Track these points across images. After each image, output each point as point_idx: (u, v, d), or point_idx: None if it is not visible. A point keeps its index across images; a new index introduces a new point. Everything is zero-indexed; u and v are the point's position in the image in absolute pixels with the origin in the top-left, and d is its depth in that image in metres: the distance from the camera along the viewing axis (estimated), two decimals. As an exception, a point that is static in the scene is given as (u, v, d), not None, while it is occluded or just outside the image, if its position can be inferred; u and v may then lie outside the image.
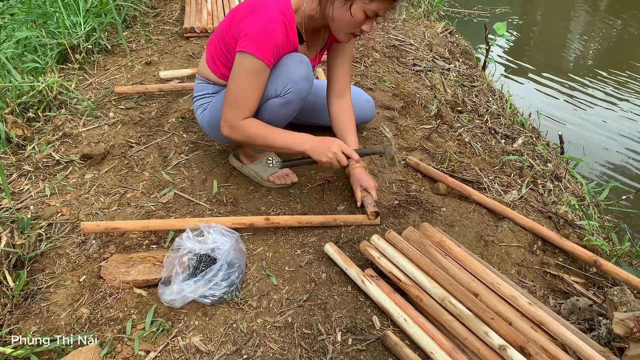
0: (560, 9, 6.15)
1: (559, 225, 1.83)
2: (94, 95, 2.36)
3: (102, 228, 1.50)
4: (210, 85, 1.76)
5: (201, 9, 3.19)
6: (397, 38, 3.19)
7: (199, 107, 1.79)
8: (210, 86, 1.76)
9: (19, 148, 1.99)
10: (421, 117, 2.34)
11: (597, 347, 1.25)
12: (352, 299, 1.42)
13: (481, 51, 4.44)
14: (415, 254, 1.46)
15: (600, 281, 1.60)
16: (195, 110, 1.82)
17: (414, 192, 1.85)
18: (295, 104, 1.60)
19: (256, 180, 1.83)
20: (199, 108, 1.79)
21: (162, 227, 1.54)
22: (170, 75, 2.48)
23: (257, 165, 1.81)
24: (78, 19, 2.71)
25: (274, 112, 1.60)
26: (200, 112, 1.79)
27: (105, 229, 1.50)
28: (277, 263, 1.52)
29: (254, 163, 1.82)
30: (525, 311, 1.31)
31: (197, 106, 1.80)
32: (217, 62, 1.68)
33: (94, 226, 1.50)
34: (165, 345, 1.26)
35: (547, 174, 2.15)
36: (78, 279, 1.44)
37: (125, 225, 1.52)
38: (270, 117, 1.60)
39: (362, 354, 1.27)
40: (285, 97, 1.56)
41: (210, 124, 1.73)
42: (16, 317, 1.33)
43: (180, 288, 1.32)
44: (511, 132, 2.46)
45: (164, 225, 1.54)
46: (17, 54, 2.51)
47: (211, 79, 1.73)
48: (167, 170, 1.89)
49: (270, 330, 1.32)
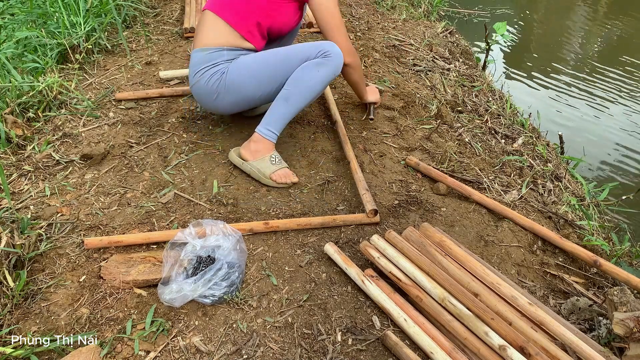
0: (560, 9, 6.15)
1: (559, 225, 1.83)
2: (94, 95, 2.36)
3: (105, 243, 1.51)
4: (225, 52, 1.78)
5: (201, 9, 3.19)
6: (397, 38, 3.19)
7: (213, 74, 1.78)
8: (226, 52, 1.78)
9: (19, 148, 1.99)
10: (421, 117, 2.34)
11: (597, 347, 1.25)
12: (352, 299, 1.42)
13: (481, 50, 4.44)
14: (415, 254, 1.46)
15: (600, 281, 1.60)
16: (203, 80, 1.80)
17: (414, 192, 1.85)
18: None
19: (256, 178, 1.82)
20: (214, 75, 1.78)
21: (165, 238, 1.54)
22: (170, 75, 2.48)
23: (260, 163, 1.81)
24: (78, 19, 2.71)
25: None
26: (216, 77, 1.78)
27: (108, 243, 1.51)
28: (277, 263, 1.52)
29: (257, 160, 1.81)
30: (525, 311, 1.31)
31: (211, 74, 1.78)
32: (246, 19, 1.77)
33: (97, 241, 1.51)
34: (165, 345, 1.26)
35: (547, 174, 2.15)
36: (78, 279, 1.44)
37: (127, 239, 1.53)
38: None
39: (362, 354, 1.27)
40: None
41: (234, 81, 1.78)
42: (16, 317, 1.33)
43: (180, 287, 1.32)
44: (511, 132, 2.46)
45: (167, 237, 1.53)
46: (17, 54, 2.51)
47: (229, 43, 1.78)
48: (167, 170, 1.89)
49: (270, 330, 1.32)
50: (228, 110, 1.91)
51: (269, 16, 1.80)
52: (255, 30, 1.81)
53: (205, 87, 1.81)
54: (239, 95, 1.82)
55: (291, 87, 1.76)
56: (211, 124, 2.17)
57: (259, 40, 1.86)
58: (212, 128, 2.14)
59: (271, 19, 1.81)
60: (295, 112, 1.82)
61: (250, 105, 1.89)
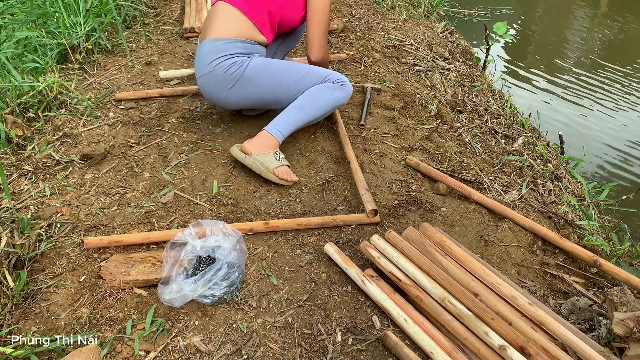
0: (560, 9, 6.15)
1: (559, 225, 1.83)
2: (94, 95, 2.36)
3: (105, 242, 1.51)
4: (239, 44, 1.85)
5: (201, 9, 3.19)
6: (397, 38, 3.19)
7: (232, 64, 1.84)
8: (239, 44, 1.85)
9: (19, 148, 1.99)
10: (421, 117, 2.34)
11: (597, 347, 1.25)
12: (352, 299, 1.42)
13: (481, 49, 4.44)
14: (415, 254, 1.46)
15: (600, 281, 1.60)
16: (221, 69, 1.85)
17: (414, 192, 1.85)
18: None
19: (258, 172, 1.81)
20: (233, 65, 1.85)
21: (165, 238, 1.54)
22: (170, 75, 2.48)
23: (263, 156, 1.81)
24: (78, 19, 2.71)
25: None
26: (236, 67, 1.85)
27: (108, 243, 1.52)
28: (277, 263, 1.52)
29: (261, 154, 1.82)
30: (525, 311, 1.31)
31: (230, 64, 1.84)
32: (258, 7, 1.86)
33: (96, 241, 1.51)
34: (165, 345, 1.26)
35: (547, 174, 2.15)
36: (78, 279, 1.44)
37: (127, 239, 1.53)
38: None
39: (362, 354, 1.27)
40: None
41: (253, 77, 1.86)
42: (16, 317, 1.33)
43: (180, 287, 1.32)
44: (511, 132, 2.46)
45: (167, 237, 1.53)
46: (17, 54, 2.51)
47: (243, 34, 1.85)
48: (167, 170, 1.89)
49: (270, 330, 1.32)
50: (235, 104, 1.98)
51: (280, 6, 1.90)
52: (267, 20, 1.91)
53: (223, 75, 1.86)
54: (254, 92, 1.90)
55: (306, 99, 1.90)
56: (211, 124, 2.17)
57: (270, 32, 1.95)
58: (212, 128, 2.14)
59: (282, 9, 1.91)
60: (303, 123, 1.93)
61: (258, 104, 1.99)
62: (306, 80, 1.91)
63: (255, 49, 1.92)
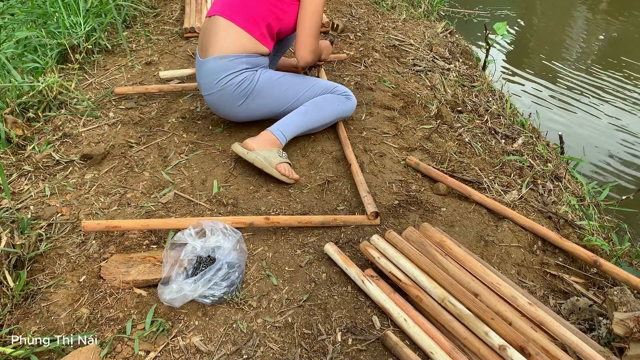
0: (560, 9, 6.15)
1: (559, 225, 1.83)
2: (94, 95, 2.36)
3: (103, 226, 1.50)
4: (244, 59, 1.86)
5: (201, 9, 3.19)
6: (397, 38, 3.19)
7: (242, 81, 1.87)
8: (245, 59, 1.86)
9: (19, 148, 1.99)
10: (421, 117, 2.34)
11: (597, 347, 1.25)
12: (352, 299, 1.42)
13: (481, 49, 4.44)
14: (415, 254, 1.46)
15: (600, 281, 1.60)
16: (231, 87, 1.87)
17: (414, 192, 1.85)
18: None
19: (260, 167, 1.80)
20: (243, 82, 1.88)
21: (163, 226, 1.54)
22: (170, 75, 2.47)
23: (267, 152, 1.82)
24: (78, 19, 2.71)
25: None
26: (246, 84, 1.87)
27: (105, 227, 1.51)
28: (277, 263, 1.52)
29: (264, 150, 1.82)
30: (525, 311, 1.31)
31: (240, 81, 1.87)
32: (258, 22, 1.85)
33: (94, 224, 1.50)
34: (165, 345, 1.26)
35: (547, 174, 2.15)
36: (78, 279, 1.44)
37: (125, 224, 1.52)
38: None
39: (362, 354, 1.27)
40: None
41: (262, 91, 1.91)
42: (16, 317, 1.33)
43: (180, 287, 1.32)
44: (511, 132, 2.46)
45: (165, 225, 1.54)
46: (17, 54, 2.51)
47: (246, 49, 1.86)
48: (167, 170, 1.89)
49: (270, 330, 1.32)
50: (244, 117, 2.02)
51: (277, 16, 1.89)
52: (267, 32, 1.90)
53: (234, 93, 1.88)
54: (264, 105, 1.95)
55: (311, 106, 1.95)
56: (211, 124, 2.17)
57: (271, 42, 1.96)
58: (212, 128, 2.14)
59: (280, 19, 1.91)
60: (306, 129, 1.97)
61: (267, 116, 2.03)
62: (313, 92, 1.98)
63: (259, 62, 1.93)
